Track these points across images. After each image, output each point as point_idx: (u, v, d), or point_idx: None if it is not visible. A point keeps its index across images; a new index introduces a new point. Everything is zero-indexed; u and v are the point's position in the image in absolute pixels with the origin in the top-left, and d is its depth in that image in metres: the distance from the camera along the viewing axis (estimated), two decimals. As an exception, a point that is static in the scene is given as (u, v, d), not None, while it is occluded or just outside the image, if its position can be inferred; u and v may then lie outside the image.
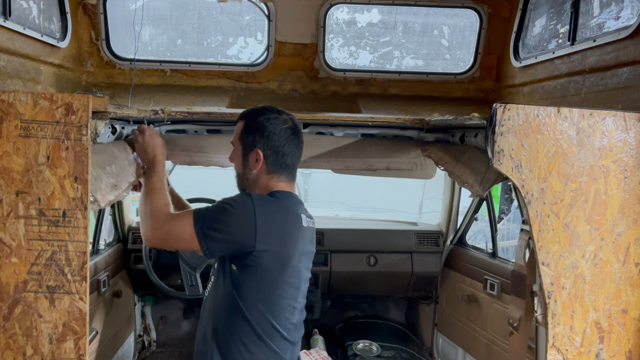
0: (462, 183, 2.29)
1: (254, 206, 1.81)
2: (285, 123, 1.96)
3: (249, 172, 1.97)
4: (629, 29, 1.90)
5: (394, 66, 3.00)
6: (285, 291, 1.89)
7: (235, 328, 1.86)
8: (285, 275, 1.88)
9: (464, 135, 2.45)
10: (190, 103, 2.78)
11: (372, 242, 3.81)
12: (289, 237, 1.89)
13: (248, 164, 1.96)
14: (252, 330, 1.85)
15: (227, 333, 1.87)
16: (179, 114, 2.21)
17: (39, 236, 1.54)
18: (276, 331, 1.88)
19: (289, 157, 1.97)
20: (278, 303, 1.88)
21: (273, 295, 1.87)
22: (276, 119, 1.95)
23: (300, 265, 1.95)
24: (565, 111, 1.63)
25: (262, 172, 1.95)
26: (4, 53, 2.04)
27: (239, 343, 1.85)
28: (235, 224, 1.79)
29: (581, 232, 1.67)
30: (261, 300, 1.85)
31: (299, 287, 1.96)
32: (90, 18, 2.69)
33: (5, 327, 1.55)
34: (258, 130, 1.93)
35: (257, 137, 1.92)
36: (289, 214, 1.92)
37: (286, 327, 1.91)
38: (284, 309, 1.90)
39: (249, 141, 1.94)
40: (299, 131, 2.01)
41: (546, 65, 2.44)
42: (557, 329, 1.67)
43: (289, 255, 1.88)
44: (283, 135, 1.94)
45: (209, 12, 2.86)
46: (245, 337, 1.85)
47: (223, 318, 1.88)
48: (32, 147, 1.52)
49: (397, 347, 3.68)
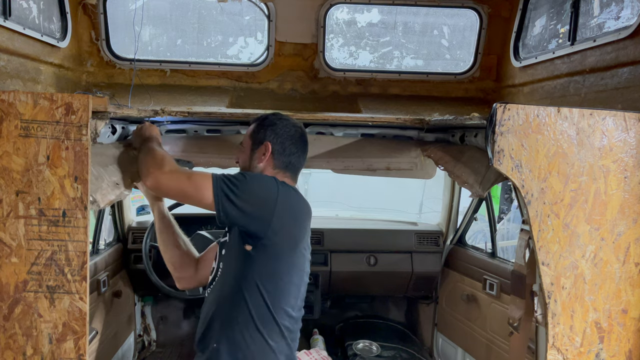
0: (462, 183, 2.29)
1: (277, 184, 1.87)
2: (295, 126, 2.06)
3: (254, 166, 2.02)
4: (629, 29, 1.90)
5: (394, 66, 2.99)
6: (292, 276, 1.93)
7: (238, 316, 1.87)
8: (294, 258, 1.93)
9: (464, 135, 2.45)
10: (190, 103, 2.77)
11: (372, 242, 3.81)
12: (301, 223, 1.96)
13: (255, 156, 2.02)
14: (252, 320, 1.86)
15: (229, 321, 1.88)
16: (178, 113, 2.21)
17: (39, 236, 1.54)
18: (275, 324, 1.89)
19: (294, 157, 2.04)
20: (284, 290, 1.91)
21: (282, 280, 1.90)
22: (287, 120, 2.06)
23: (306, 254, 2.01)
24: (565, 111, 1.63)
25: (269, 167, 2.01)
26: (4, 53, 2.04)
27: (239, 332, 1.87)
28: (256, 193, 1.83)
29: (581, 232, 1.67)
30: (269, 284, 1.87)
31: (302, 277, 2.00)
32: (90, 18, 2.69)
33: (5, 327, 1.55)
34: (269, 126, 2.02)
35: (268, 132, 2.01)
36: (303, 203, 2.00)
37: (285, 320, 1.92)
38: (288, 295, 1.93)
39: (259, 136, 2.02)
40: (306, 137, 2.10)
41: (546, 65, 2.44)
42: (557, 329, 1.67)
43: (299, 240, 1.94)
44: (292, 135, 2.03)
45: (209, 12, 2.86)
46: (244, 327, 1.86)
47: (227, 306, 1.90)
48: (32, 147, 1.52)
49: (397, 347, 3.68)
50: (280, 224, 1.83)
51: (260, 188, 1.85)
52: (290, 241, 1.91)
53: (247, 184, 1.83)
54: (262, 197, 1.83)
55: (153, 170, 1.84)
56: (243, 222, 1.82)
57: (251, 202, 1.80)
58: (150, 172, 1.84)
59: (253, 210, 1.81)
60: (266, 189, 1.85)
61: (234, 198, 1.77)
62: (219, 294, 1.95)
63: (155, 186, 1.87)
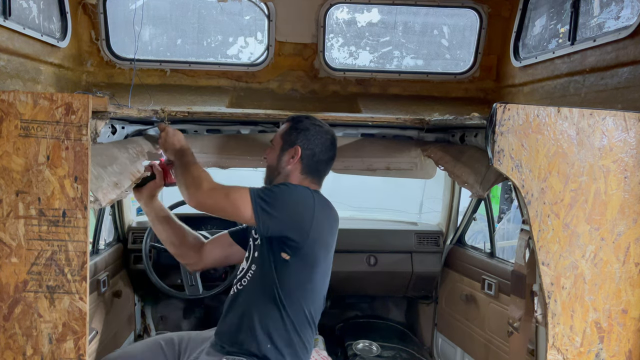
0: (462, 183, 2.29)
1: (313, 196, 1.93)
2: (327, 134, 2.10)
3: (282, 167, 2.06)
4: (629, 28, 1.90)
5: (394, 66, 2.99)
6: (324, 283, 2.04)
7: (273, 316, 1.93)
8: (327, 264, 2.02)
9: (464, 135, 2.45)
10: (190, 103, 2.77)
11: (372, 242, 3.81)
12: (334, 231, 2.05)
13: (284, 157, 2.06)
14: (289, 319, 1.94)
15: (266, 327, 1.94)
16: (178, 113, 2.22)
17: (38, 236, 1.54)
18: (307, 323, 2.00)
19: (322, 165, 2.09)
20: (316, 293, 2.00)
21: (315, 286, 1.98)
22: (320, 127, 2.09)
23: (332, 259, 2.10)
24: (565, 111, 1.63)
25: (296, 170, 2.04)
26: (4, 53, 2.04)
27: (282, 328, 1.94)
28: (294, 205, 1.88)
29: (581, 232, 1.67)
30: (305, 289, 1.94)
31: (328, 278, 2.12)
32: (90, 18, 2.69)
33: (5, 327, 1.55)
34: (303, 131, 2.06)
35: (301, 136, 2.05)
36: (333, 210, 2.07)
37: (315, 318, 2.05)
38: (319, 299, 2.03)
39: (291, 138, 2.06)
40: (336, 145, 2.14)
41: (546, 65, 2.44)
42: (557, 329, 1.67)
43: (331, 247, 2.04)
44: (323, 142, 2.07)
45: (209, 12, 2.86)
46: (279, 326, 1.93)
47: (263, 305, 1.95)
48: (32, 147, 1.52)
49: (397, 347, 3.68)
50: (317, 234, 1.90)
51: (298, 200, 1.90)
52: (324, 249, 1.98)
53: (284, 196, 1.88)
54: (300, 208, 1.89)
55: (193, 192, 1.91)
56: (283, 233, 1.87)
57: (290, 214, 1.86)
58: (190, 194, 1.93)
59: (292, 222, 1.86)
60: (303, 200, 1.90)
61: (272, 211, 1.83)
62: (253, 297, 1.98)
63: (197, 207, 1.96)
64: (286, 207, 1.86)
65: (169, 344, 2.19)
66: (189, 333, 2.31)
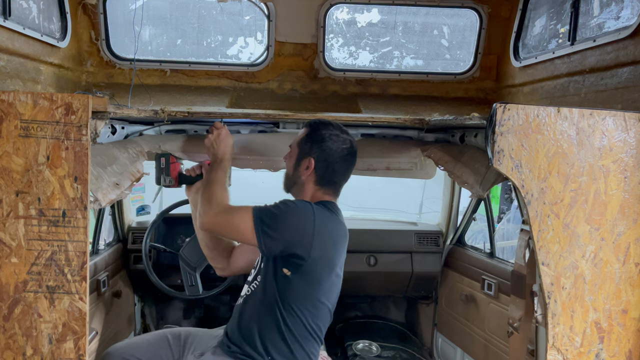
0: (462, 183, 2.29)
1: (314, 213, 1.90)
2: (344, 143, 2.05)
3: (298, 177, 2.06)
4: (629, 29, 1.90)
5: (394, 66, 2.99)
6: (329, 298, 2.01)
7: (272, 329, 1.94)
8: (330, 281, 1.99)
9: (464, 135, 2.45)
10: (190, 103, 2.77)
11: (372, 242, 3.80)
12: (338, 247, 2.02)
13: (299, 168, 2.05)
14: (290, 332, 1.94)
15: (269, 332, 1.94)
16: (178, 113, 2.22)
17: (38, 236, 1.54)
18: (310, 336, 1.98)
19: (338, 176, 2.07)
20: (320, 308, 1.98)
21: (318, 301, 1.96)
22: (337, 137, 2.04)
23: (340, 274, 2.08)
24: (565, 111, 1.63)
25: (310, 181, 2.04)
26: (4, 53, 2.04)
27: (281, 342, 1.94)
28: (295, 226, 1.87)
29: (581, 232, 1.67)
30: (306, 304, 1.94)
31: (335, 299, 2.08)
32: (90, 18, 2.68)
33: (5, 327, 1.55)
34: (317, 141, 2.02)
35: (315, 147, 2.02)
36: (340, 225, 2.05)
37: (319, 331, 2.02)
38: (324, 314, 2.01)
39: (306, 148, 2.04)
40: (355, 154, 2.10)
41: (546, 65, 2.44)
42: (557, 329, 1.67)
43: (335, 264, 2.00)
44: (339, 153, 2.03)
45: (209, 12, 2.86)
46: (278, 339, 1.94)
47: (264, 317, 1.96)
48: (32, 147, 1.52)
49: (397, 347, 3.68)
50: (319, 252, 1.89)
51: (299, 220, 1.88)
52: (328, 266, 1.96)
53: (284, 217, 1.87)
54: (300, 228, 1.87)
55: (203, 212, 1.95)
56: (285, 253, 1.88)
57: (290, 235, 1.86)
58: (201, 214, 1.96)
59: (293, 243, 1.86)
60: (304, 219, 1.88)
61: (273, 234, 1.84)
62: (255, 307, 2.00)
63: (205, 229, 2.02)
64: (287, 228, 1.86)
65: (175, 338, 2.23)
66: (197, 330, 2.34)
